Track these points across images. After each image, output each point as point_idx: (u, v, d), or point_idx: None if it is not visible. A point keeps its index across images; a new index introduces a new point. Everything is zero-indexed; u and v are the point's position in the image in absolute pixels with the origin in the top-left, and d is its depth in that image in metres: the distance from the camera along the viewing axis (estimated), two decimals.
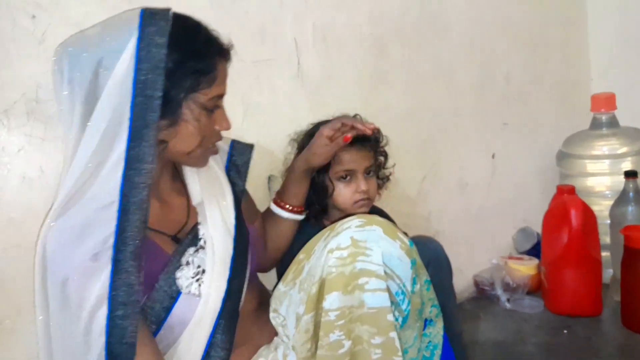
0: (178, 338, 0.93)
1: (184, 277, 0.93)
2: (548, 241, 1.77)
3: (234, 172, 1.11)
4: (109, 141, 0.84)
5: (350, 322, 0.91)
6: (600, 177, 1.98)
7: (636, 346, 1.52)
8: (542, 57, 2.26)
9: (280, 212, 1.20)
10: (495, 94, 2.06)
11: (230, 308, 0.96)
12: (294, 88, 1.50)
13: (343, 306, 0.91)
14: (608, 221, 1.78)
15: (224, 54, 0.95)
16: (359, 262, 0.91)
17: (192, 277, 0.94)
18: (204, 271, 0.95)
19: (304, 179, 1.18)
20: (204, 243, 0.98)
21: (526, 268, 1.89)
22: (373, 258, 0.91)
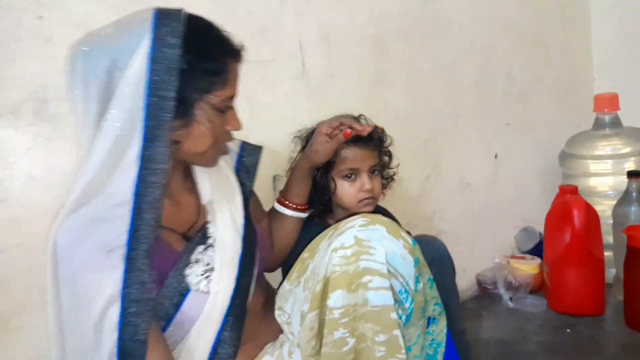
0: (186, 334, 0.93)
1: (194, 275, 0.93)
2: (551, 241, 1.77)
3: (244, 173, 1.12)
4: (124, 141, 0.84)
5: (354, 320, 0.92)
6: (603, 177, 1.98)
7: (639, 345, 1.52)
8: (544, 57, 2.25)
9: (283, 211, 1.20)
10: (496, 94, 2.06)
11: (238, 305, 0.97)
12: (298, 88, 1.50)
13: (347, 304, 0.91)
14: (611, 221, 1.78)
15: (236, 55, 0.95)
16: (363, 261, 0.91)
17: (202, 275, 0.94)
18: (213, 269, 0.95)
19: (307, 177, 1.19)
20: (214, 241, 0.98)
21: (529, 267, 1.90)
22: (376, 257, 0.92)
